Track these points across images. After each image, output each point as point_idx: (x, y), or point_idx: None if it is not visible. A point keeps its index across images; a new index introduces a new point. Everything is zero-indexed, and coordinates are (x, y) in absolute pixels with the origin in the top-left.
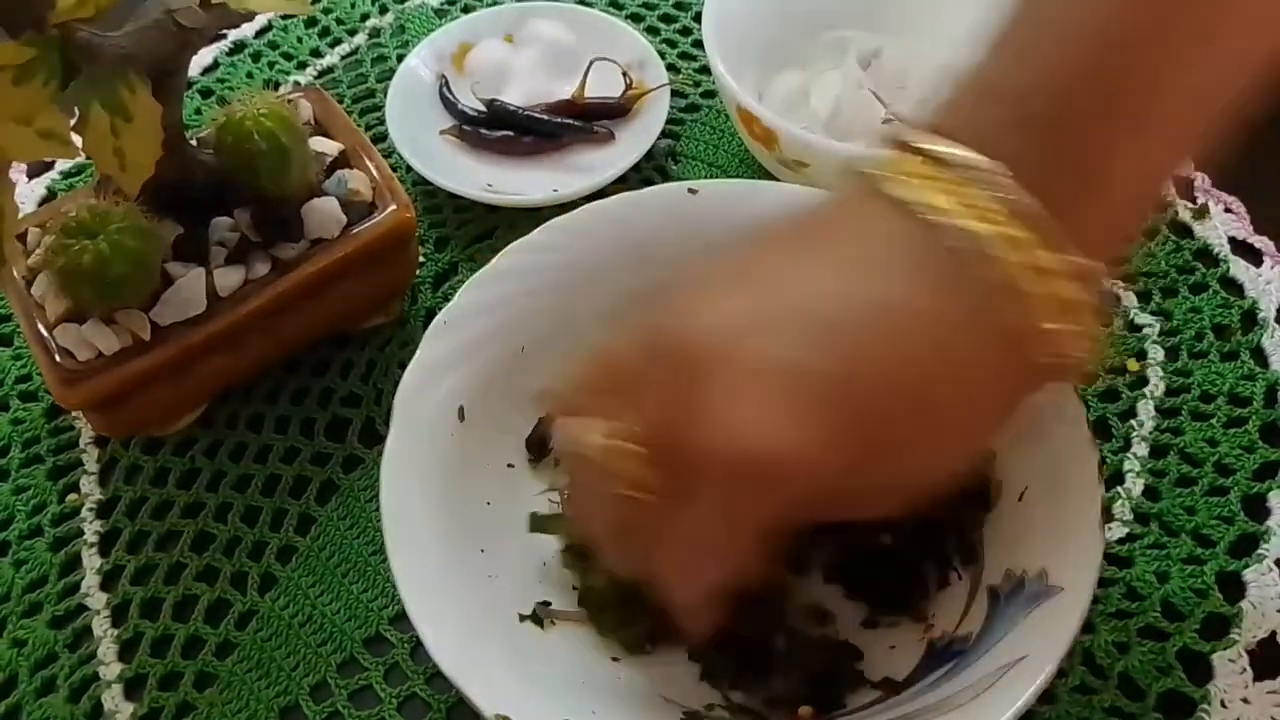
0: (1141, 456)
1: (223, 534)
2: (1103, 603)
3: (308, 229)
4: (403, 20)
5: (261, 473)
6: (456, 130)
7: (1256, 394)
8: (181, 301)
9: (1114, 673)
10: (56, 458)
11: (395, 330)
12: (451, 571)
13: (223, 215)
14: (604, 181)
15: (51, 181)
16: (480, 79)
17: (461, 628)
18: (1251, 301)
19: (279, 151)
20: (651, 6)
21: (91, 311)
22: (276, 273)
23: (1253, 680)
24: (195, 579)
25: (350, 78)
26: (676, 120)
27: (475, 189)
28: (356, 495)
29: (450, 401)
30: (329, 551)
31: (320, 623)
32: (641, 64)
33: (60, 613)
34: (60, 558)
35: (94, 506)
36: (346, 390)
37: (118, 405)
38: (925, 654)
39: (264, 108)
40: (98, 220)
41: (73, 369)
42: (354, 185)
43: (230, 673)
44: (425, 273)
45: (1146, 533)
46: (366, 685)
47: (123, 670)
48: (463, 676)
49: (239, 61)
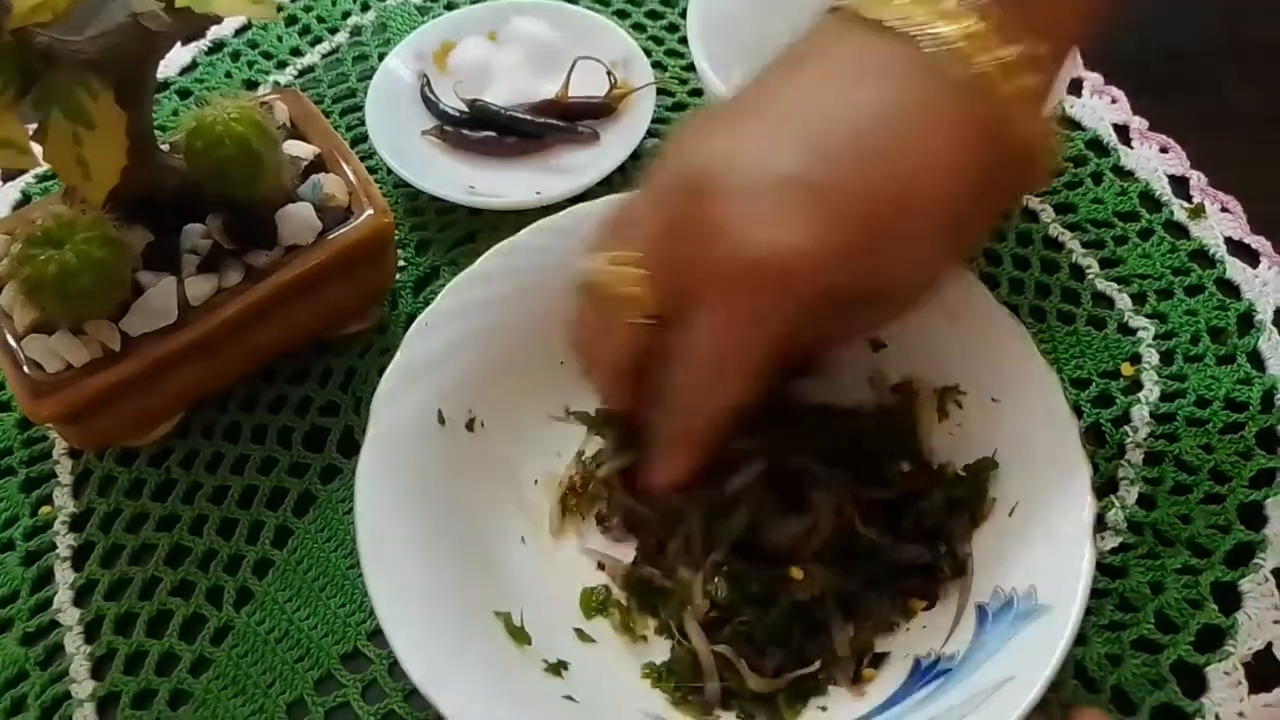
0: (1135, 464)
1: (198, 547)
2: (1095, 614)
3: (282, 235)
4: (384, 18)
5: (238, 484)
6: (438, 131)
7: (1253, 399)
8: (152, 311)
9: (1106, 686)
10: (29, 469)
11: (375, 337)
12: (428, 581)
13: (195, 222)
14: (589, 183)
15: (26, 185)
16: (463, 78)
17: (437, 639)
18: (1248, 304)
19: (250, 157)
20: (637, 3)
21: (60, 322)
22: (250, 281)
23: (1248, 693)
24: (170, 594)
25: (331, 77)
26: (663, 119)
27: (457, 191)
28: (335, 507)
29: (430, 405)
30: (306, 565)
31: (297, 639)
32: (626, 62)
33: (32, 629)
34: (32, 572)
35: (67, 519)
36: (325, 399)
37: (88, 417)
38: (910, 672)
39: (235, 112)
40: (64, 229)
41: (41, 381)
42: (330, 190)
43: (205, 690)
44: (406, 277)
45: (1140, 542)
46: (344, 703)
47: (95, 688)
48: (438, 692)
49: (218, 61)
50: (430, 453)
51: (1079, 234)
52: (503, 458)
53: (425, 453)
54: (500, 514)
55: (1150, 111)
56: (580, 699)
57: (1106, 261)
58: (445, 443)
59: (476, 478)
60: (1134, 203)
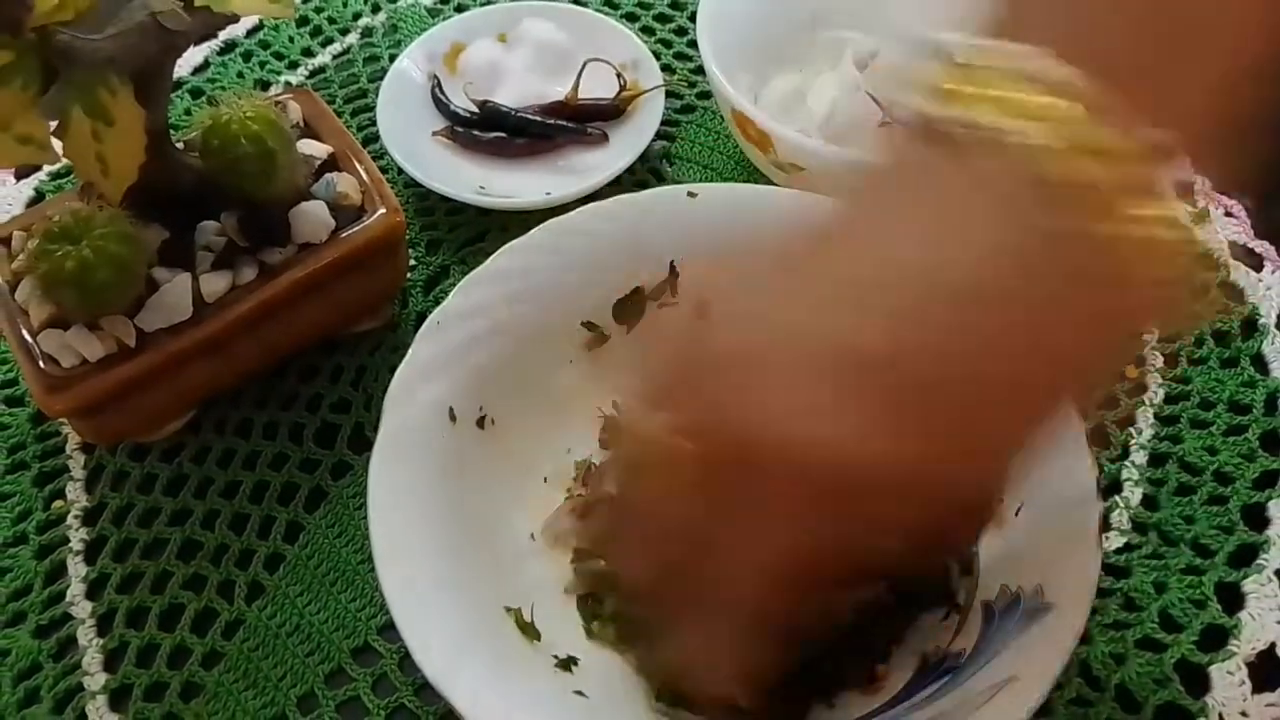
0: (1140, 465)
1: (210, 541)
2: (1100, 613)
3: (295, 233)
4: (395, 19)
5: (250, 479)
6: (449, 131)
7: (1257, 401)
8: (167, 307)
9: (1110, 685)
10: (42, 464)
11: (386, 335)
12: (440, 577)
13: (209, 219)
14: (598, 184)
15: (40, 183)
16: (473, 79)
17: (449, 636)
18: (1252, 307)
19: (265, 155)
20: (647, 6)
21: (76, 318)
22: (263, 278)
23: (1251, 693)
24: (182, 587)
25: (342, 77)
26: (671, 121)
27: (467, 191)
28: (345, 503)
29: (441, 402)
30: (317, 560)
31: (308, 632)
32: (636, 64)
33: (44, 622)
34: (45, 566)
35: (80, 513)
36: (336, 396)
37: (102, 412)
38: (918, 669)
39: (250, 110)
40: (81, 225)
41: (57, 376)
42: (343, 188)
43: (217, 683)
44: (416, 276)
45: (1145, 542)
46: (355, 696)
47: (108, 681)
48: (449, 686)
49: (230, 61)
50: (442, 450)
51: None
52: (513, 455)
53: (437, 449)
54: (510, 510)
55: None
56: (590, 694)
57: None
58: (456, 440)
59: (487, 475)
60: None
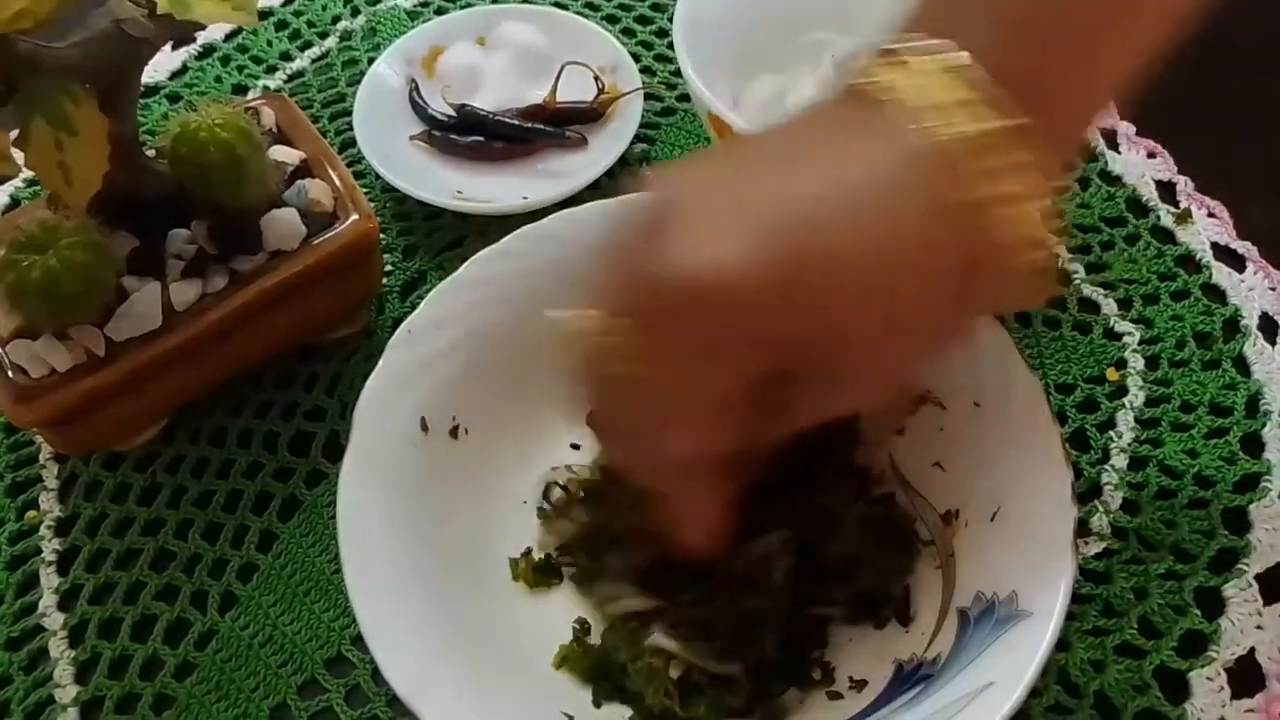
0: (1120, 469)
1: (183, 551)
2: (1079, 619)
3: (267, 241)
4: (374, 23)
5: (224, 488)
6: (426, 136)
7: (1238, 404)
8: (137, 316)
9: (1089, 691)
10: (15, 474)
11: (361, 341)
12: (410, 587)
13: (179, 227)
14: (576, 188)
15: (15, 189)
16: (451, 83)
17: (420, 650)
18: (1234, 309)
19: (234, 162)
20: (627, 8)
21: (44, 327)
22: (235, 286)
23: (1231, 699)
24: (155, 598)
25: (320, 82)
26: (651, 124)
27: (444, 196)
28: (320, 512)
29: (413, 413)
30: (291, 569)
31: (281, 643)
32: (615, 67)
33: (16, 634)
34: (18, 576)
35: (53, 524)
36: (311, 404)
37: (73, 422)
38: (893, 677)
39: (219, 117)
40: (48, 235)
41: (26, 386)
42: (315, 195)
43: (189, 695)
44: (393, 281)
45: (1124, 547)
46: (327, 707)
47: (79, 693)
48: (418, 702)
49: (208, 66)
50: (413, 460)
51: (1065, 239)
52: (486, 465)
53: (408, 460)
54: (483, 521)
55: (1137, 116)
56: (573, 711)
57: (1093, 267)
58: (429, 450)
59: (460, 485)
60: (1121, 208)
